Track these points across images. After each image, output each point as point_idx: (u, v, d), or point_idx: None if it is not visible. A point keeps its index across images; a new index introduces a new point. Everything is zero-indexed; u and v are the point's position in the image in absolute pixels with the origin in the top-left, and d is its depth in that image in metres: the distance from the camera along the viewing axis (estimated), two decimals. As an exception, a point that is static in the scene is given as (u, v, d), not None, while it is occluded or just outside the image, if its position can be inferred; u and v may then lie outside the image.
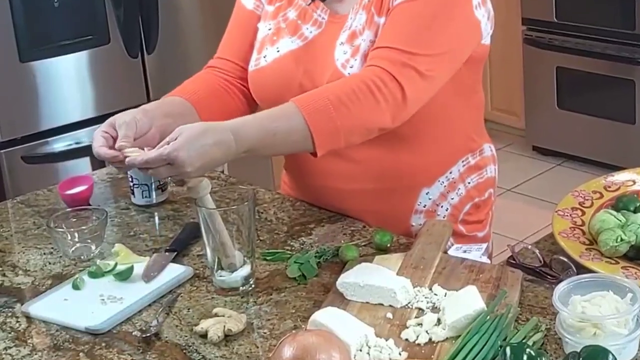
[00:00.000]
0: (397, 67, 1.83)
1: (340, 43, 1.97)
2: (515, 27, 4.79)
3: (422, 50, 1.86)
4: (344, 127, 1.79)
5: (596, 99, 4.62)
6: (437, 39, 1.88)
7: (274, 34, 2.06)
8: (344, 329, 1.54)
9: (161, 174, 1.70)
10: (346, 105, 1.79)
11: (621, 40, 4.43)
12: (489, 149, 2.15)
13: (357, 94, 1.80)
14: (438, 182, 2.06)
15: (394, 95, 1.82)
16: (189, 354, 1.61)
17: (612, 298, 1.52)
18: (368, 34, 1.94)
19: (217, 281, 1.79)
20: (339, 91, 1.81)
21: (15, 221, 2.16)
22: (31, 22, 3.21)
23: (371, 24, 1.94)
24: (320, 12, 2.03)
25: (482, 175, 2.12)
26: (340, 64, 1.95)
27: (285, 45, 2.03)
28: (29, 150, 3.31)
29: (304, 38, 2.02)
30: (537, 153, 5.00)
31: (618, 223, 1.84)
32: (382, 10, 1.93)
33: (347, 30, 1.97)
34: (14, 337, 1.70)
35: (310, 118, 1.77)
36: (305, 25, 2.03)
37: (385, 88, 1.82)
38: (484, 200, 2.14)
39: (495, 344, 1.50)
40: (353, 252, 1.86)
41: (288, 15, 2.05)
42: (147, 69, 3.52)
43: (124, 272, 1.85)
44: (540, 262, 1.82)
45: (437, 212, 2.08)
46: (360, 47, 1.94)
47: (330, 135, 1.79)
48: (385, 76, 1.83)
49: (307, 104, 1.79)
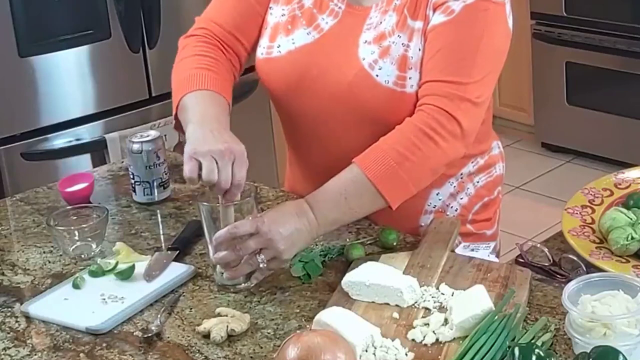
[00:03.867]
0: (452, 103, 1.85)
1: (365, 41, 1.94)
2: (523, 21, 4.77)
3: (471, 78, 1.86)
4: (411, 178, 1.84)
5: (606, 94, 4.61)
6: (483, 62, 1.88)
7: (288, 22, 2.02)
8: (349, 329, 1.53)
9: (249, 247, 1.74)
10: (408, 159, 1.82)
11: (632, 34, 4.42)
12: (497, 147, 2.15)
13: (417, 144, 1.83)
14: (448, 182, 2.05)
15: (453, 133, 1.85)
16: (191, 354, 1.60)
17: (623, 297, 1.51)
18: (400, 36, 1.92)
19: (219, 279, 1.78)
20: (398, 146, 1.83)
21: (14, 219, 2.16)
22: (31, 17, 3.20)
23: (404, 26, 1.92)
24: (337, 1, 2.00)
25: (491, 173, 2.12)
26: (367, 64, 1.93)
27: (300, 38, 2.00)
28: (29, 146, 3.31)
29: (319, 30, 2.00)
30: (546, 150, 4.99)
31: (629, 221, 1.84)
32: (416, 13, 1.91)
33: (372, 29, 1.94)
34: (13, 337, 1.70)
35: (376, 180, 1.81)
36: (322, 15, 2.00)
37: (443, 129, 1.84)
38: (493, 199, 2.14)
39: (504, 344, 1.50)
40: (359, 250, 1.85)
41: (303, 2, 2.02)
42: (148, 64, 3.51)
43: (125, 271, 1.84)
44: (550, 261, 1.81)
45: (447, 213, 2.07)
46: (391, 49, 1.92)
47: (399, 190, 1.84)
48: (441, 116, 1.84)
49: (371, 166, 1.82)
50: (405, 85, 1.90)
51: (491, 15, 1.88)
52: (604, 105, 4.63)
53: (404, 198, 1.85)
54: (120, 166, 2.40)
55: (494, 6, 1.89)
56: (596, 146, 4.73)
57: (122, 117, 3.46)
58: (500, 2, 1.90)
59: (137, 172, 2.14)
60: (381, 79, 1.91)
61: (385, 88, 1.91)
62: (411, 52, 1.90)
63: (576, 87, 4.73)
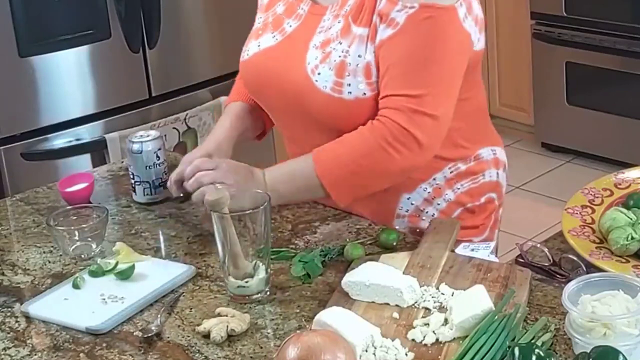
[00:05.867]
0: (407, 117, 1.85)
1: (314, 45, 1.95)
2: (523, 21, 4.77)
3: (426, 89, 1.85)
4: (360, 185, 1.91)
5: (606, 94, 4.60)
6: (437, 70, 1.87)
7: (260, 27, 2.07)
8: (349, 329, 1.53)
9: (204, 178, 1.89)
10: (361, 166, 1.88)
11: (632, 34, 4.41)
12: (489, 153, 2.10)
13: (372, 154, 1.87)
14: (420, 188, 2.03)
15: (409, 146, 1.86)
16: (191, 354, 1.60)
17: (623, 297, 1.50)
18: (342, 42, 1.92)
19: (232, 290, 1.75)
20: (354, 152, 1.88)
21: (14, 219, 2.16)
22: (31, 16, 3.20)
23: (347, 33, 1.92)
24: (303, 5, 2.02)
25: (477, 180, 2.08)
26: (310, 69, 1.94)
27: (265, 41, 2.04)
28: (29, 146, 3.30)
29: (283, 33, 2.02)
30: (546, 150, 4.98)
31: (629, 221, 1.83)
32: (360, 20, 1.91)
33: (323, 32, 1.95)
34: (13, 338, 1.69)
35: (325, 181, 1.88)
36: (288, 19, 2.03)
37: (398, 142, 1.85)
38: (480, 206, 2.09)
39: (504, 344, 1.49)
40: (358, 250, 1.85)
41: (277, 10, 2.06)
42: (148, 64, 3.50)
43: (125, 271, 1.84)
44: (550, 261, 1.80)
45: (422, 217, 2.05)
46: (331, 55, 1.92)
47: (346, 192, 1.91)
48: (396, 130, 1.85)
49: (323, 165, 1.89)
50: (342, 91, 1.90)
51: (438, 22, 1.85)
52: (604, 105, 4.62)
53: (351, 199, 1.93)
54: (120, 166, 2.39)
55: (440, 12, 1.85)
56: (596, 146, 4.72)
57: (122, 117, 3.45)
58: (448, 6, 1.86)
59: (137, 172, 2.13)
60: (320, 84, 1.92)
61: (324, 94, 1.91)
62: (350, 58, 1.90)
63: (576, 87, 4.72)
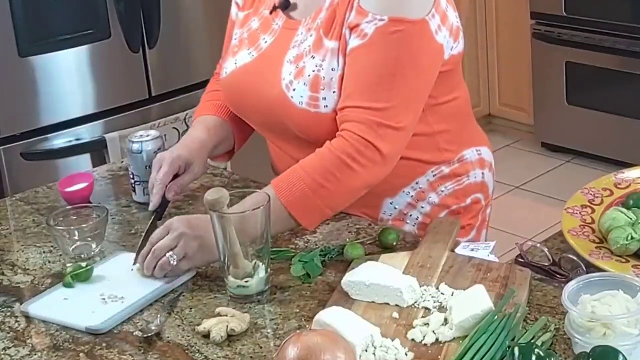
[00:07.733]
0: (371, 130, 1.83)
1: (288, 61, 1.95)
2: (523, 21, 4.77)
3: (389, 103, 1.84)
4: (326, 204, 1.85)
5: (606, 94, 4.60)
6: (402, 85, 1.85)
7: (236, 45, 2.07)
8: (349, 329, 1.53)
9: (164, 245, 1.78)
10: (324, 186, 1.83)
11: (632, 34, 4.41)
12: (474, 154, 2.09)
13: (333, 172, 1.83)
14: (403, 192, 2.03)
15: (372, 159, 1.84)
16: (191, 354, 1.60)
17: (623, 297, 1.50)
18: (314, 57, 1.91)
19: (232, 290, 1.75)
20: (315, 173, 1.83)
21: (14, 219, 2.16)
22: (31, 17, 3.19)
23: (320, 47, 1.91)
24: (277, 21, 2.02)
25: (462, 182, 2.07)
26: (285, 85, 1.93)
27: (242, 58, 2.04)
28: (29, 146, 3.30)
29: (259, 49, 2.02)
30: (546, 150, 4.98)
31: (629, 221, 1.83)
32: (332, 33, 1.90)
33: (297, 47, 1.95)
34: (13, 337, 1.69)
35: (290, 205, 1.82)
36: (264, 35, 2.03)
37: (362, 156, 1.84)
38: (466, 207, 2.09)
39: (504, 344, 1.49)
40: (358, 250, 1.85)
41: (252, 26, 2.06)
42: (148, 64, 3.49)
43: (82, 274, 1.82)
44: (550, 261, 1.80)
45: (407, 221, 2.05)
46: (305, 70, 1.91)
47: (313, 214, 1.85)
48: (359, 144, 1.83)
49: (285, 192, 1.82)
50: (319, 105, 1.90)
51: (407, 36, 1.84)
52: (604, 105, 4.62)
53: (320, 221, 1.89)
54: (120, 166, 2.39)
55: (410, 26, 1.84)
56: (596, 146, 4.72)
57: (122, 117, 3.45)
58: (418, 20, 1.85)
59: (137, 172, 2.13)
60: (296, 100, 1.91)
61: (300, 109, 1.91)
62: (324, 72, 1.89)
63: (576, 87, 4.72)
